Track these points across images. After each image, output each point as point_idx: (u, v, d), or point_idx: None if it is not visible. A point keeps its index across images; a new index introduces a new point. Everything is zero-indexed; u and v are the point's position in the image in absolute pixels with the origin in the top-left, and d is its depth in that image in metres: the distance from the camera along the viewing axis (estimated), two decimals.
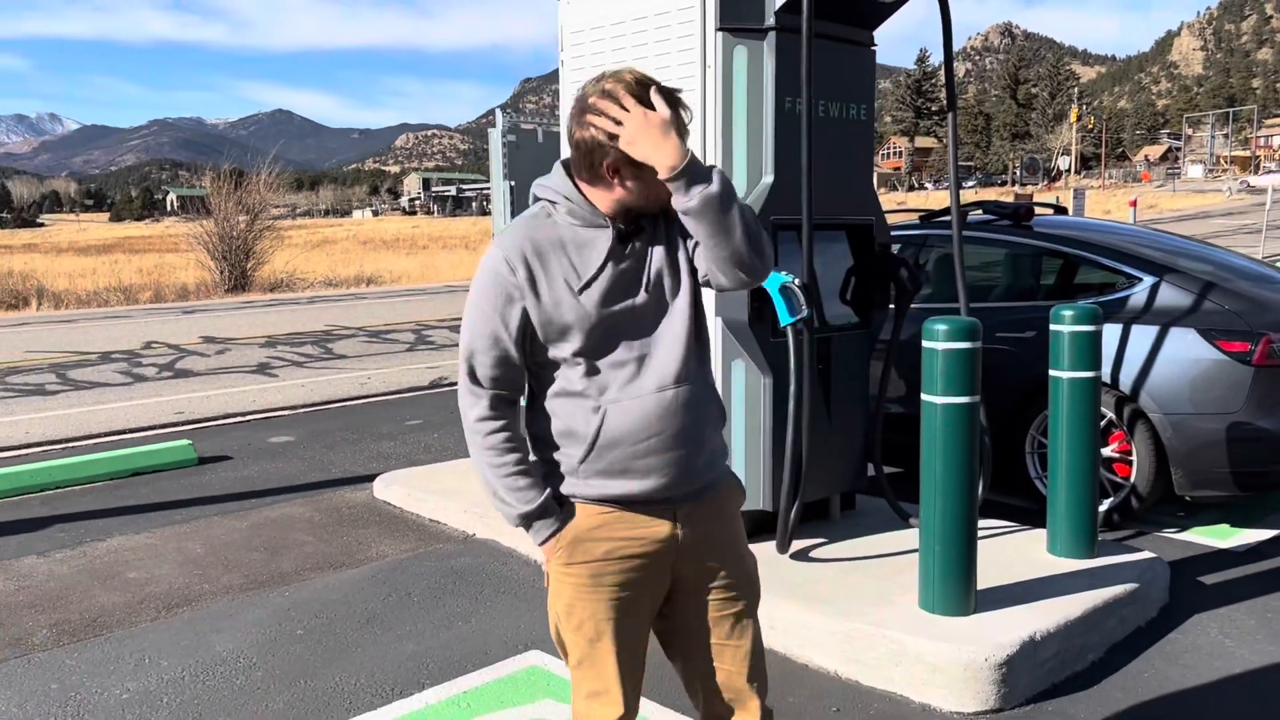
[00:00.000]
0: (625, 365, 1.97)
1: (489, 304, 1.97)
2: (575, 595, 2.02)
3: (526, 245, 1.96)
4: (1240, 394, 4.62)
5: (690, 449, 2.00)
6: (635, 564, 2.00)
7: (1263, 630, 3.81)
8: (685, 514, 2.03)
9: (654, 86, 1.90)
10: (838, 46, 4.26)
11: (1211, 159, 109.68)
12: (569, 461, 2.00)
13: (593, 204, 1.98)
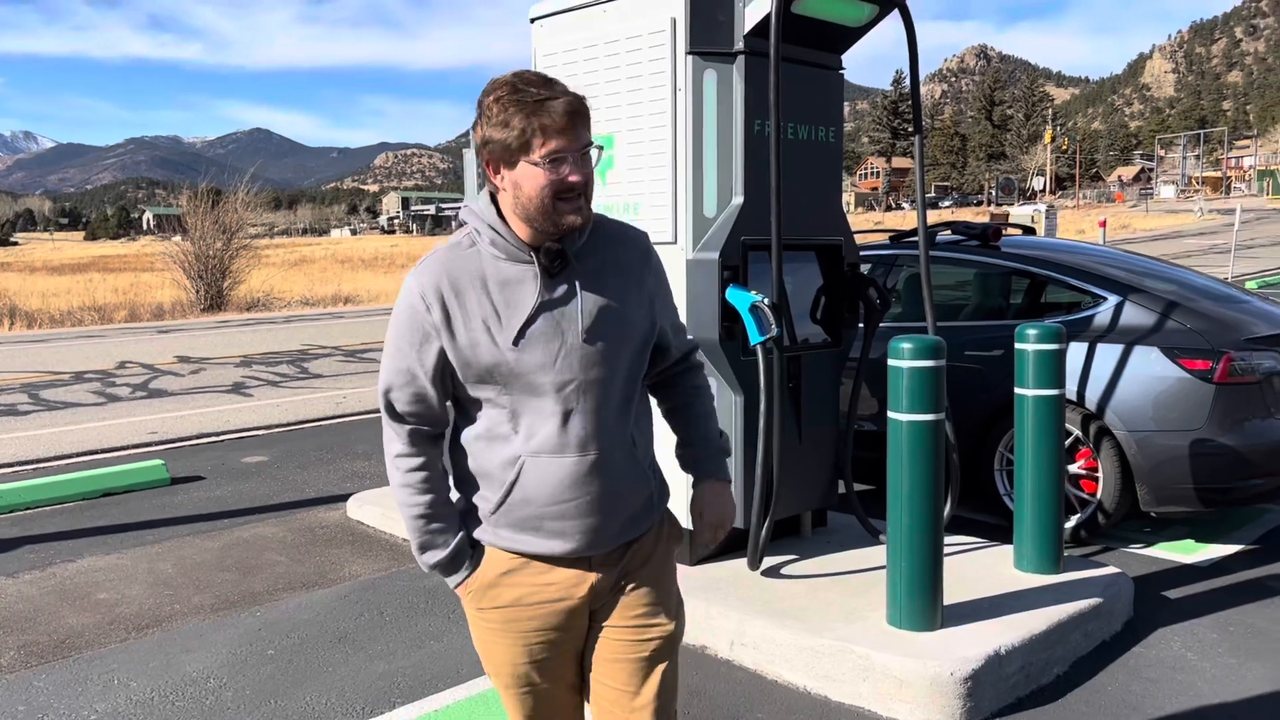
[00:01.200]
0: (549, 418, 1.84)
1: (404, 340, 1.86)
2: (490, 640, 1.95)
3: (443, 280, 1.83)
4: (1202, 411, 4.70)
5: (605, 517, 1.88)
6: (548, 610, 1.91)
7: (1225, 644, 3.87)
8: (600, 560, 1.92)
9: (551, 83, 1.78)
10: (806, 70, 4.33)
11: (1184, 180, 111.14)
12: (484, 505, 1.90)
13: (515, 234, 1.83)
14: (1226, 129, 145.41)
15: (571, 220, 1.80)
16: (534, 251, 1.83)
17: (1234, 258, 21.57)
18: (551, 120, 1.73)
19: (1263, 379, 4.77)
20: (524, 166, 1.76)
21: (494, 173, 1.81)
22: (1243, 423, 4.72)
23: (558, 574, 1.90)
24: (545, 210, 1.78)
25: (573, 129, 1.75)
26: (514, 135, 1.74)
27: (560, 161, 1.75)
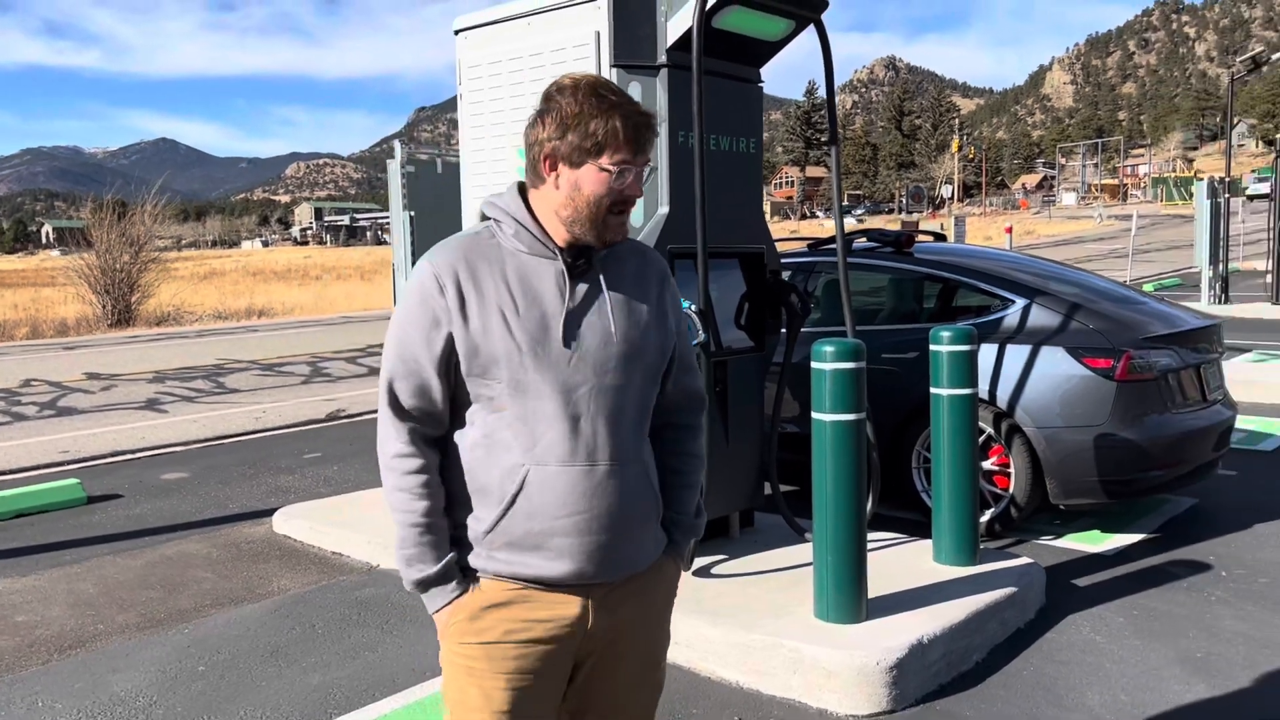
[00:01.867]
0: (556, 423, 1.74)
1: (413, 326, 1.77)
2: (468, 680, 1.79)
3: (460, 263, 1.76)
4: (1105, 407, 4.94)
5: (612, 537, 1.77)
6: (536, 649, 1.78)
7: (1130, 627, 4.08)
8: (600, 597, 1.81)
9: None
10: (727, 83, 4.46)
11: (1084, 187, 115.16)
12: (477, 526, 1.78)
13: (544, 228, 1.78)
14: (1122, 138, 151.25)
15: (615, 234, 1.78)
16: (559, 250, 1.78)
17: (1132, 261, 22.49)
18: (628, 130, 1.72)
19: (1160, 376, 5.04)
20: (590, 169, 1.73)
21: (550, 169, 1.76)
22: (1142, 418, 4.97)
23: (551, 609, 1.78)
24: (597, 217, 1.75)
25: (642, 144, 1.75)
26: (593, 135, 1.72)
27: (626, 172, 1.74)
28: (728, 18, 4.20)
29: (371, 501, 5.76)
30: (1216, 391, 5.48)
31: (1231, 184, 17.69)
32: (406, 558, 1.80)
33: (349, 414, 9.45)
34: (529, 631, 1.77)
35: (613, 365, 1.77)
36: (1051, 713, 3.38)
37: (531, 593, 1.78)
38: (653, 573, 1.88)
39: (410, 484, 1.78)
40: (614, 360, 1.78)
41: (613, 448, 1.76)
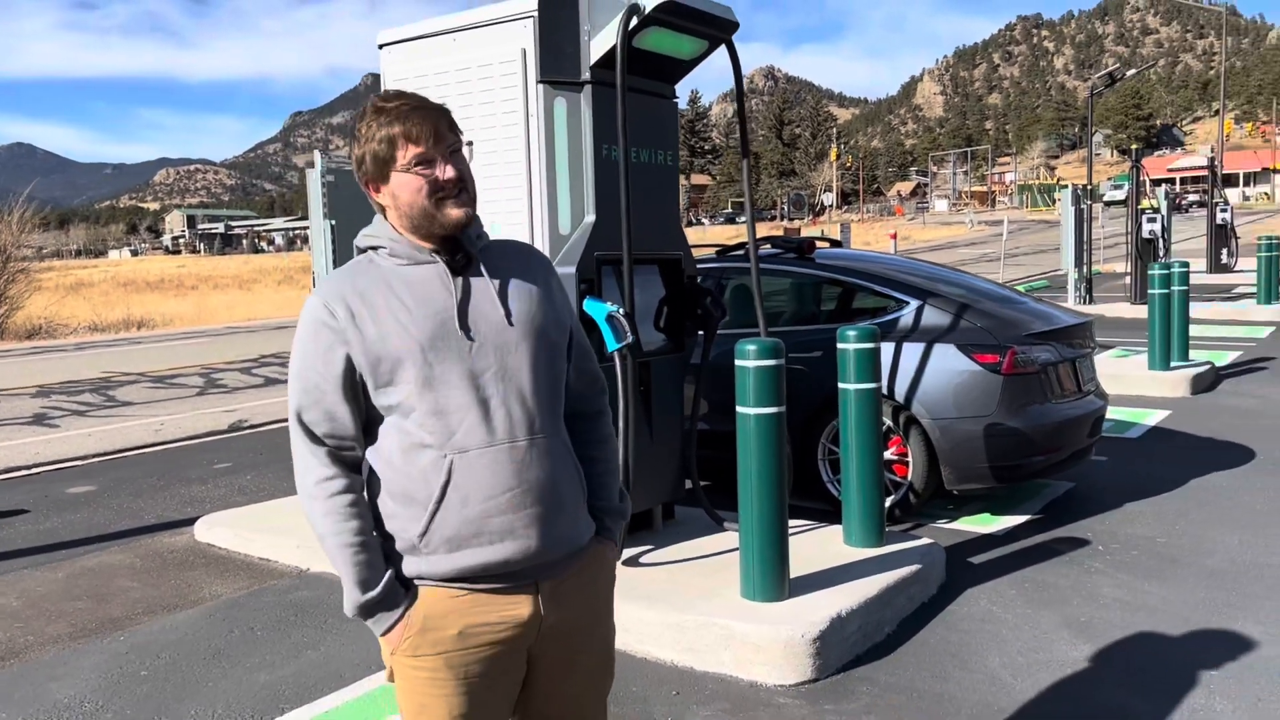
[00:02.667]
0: (469, 409, 1.78)
1: (310, 354, 1.82)
2: (427, 691, 1.80)
3: (347, 288, 1.82)
4: (993, 399, 5.37)
5: (548, 508, 1.81)
6: (492, 651, 1.81)
7: (1021, 598, 4.48)
8: (549, 591, 1.85)
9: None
10: (645, 99, 4.71)
11: (955, 194, 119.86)
12: (409, 534, 1.79)
13: (414, 242, 1.85)
14: (990, 147, 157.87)
15: (456, 214, 1.82)
16: (435, 252, 1.85)
17: (1003, 265, 23.68)
18: (411, 126, 1.79)
19: (1041, 369, 5.50)
20: (396, 176, 1.81)
21: (375, 192, 1.86)
22: (1026, 407, 5.42)
23: (503, 610, 1.81)
24: (427, 212, 1.81)
25: (434, 131, 1.80)
26: (381, 147, 1.80)
27: (430, 162, 1.80)
28: (647, 38, 4.45)
29: (296, 508, 5.80)
30: (1090, 383, 6.00)
31: (1091, 191, 18.83)
32: (356, 581, 1.79)
33: (252, 424, 9.37)
34: (483, 635, 1.79)
35: (513, 346, 1.83)
36: (957, 675, 3.73)
37: (479, 596, 1.79)
38: (594, 562, 1.94)
39: (336, 506, 1.80)
40: (513, 341, 1.84)
41: (529, 423, 1.81)
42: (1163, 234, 16.76)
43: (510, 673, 1.85)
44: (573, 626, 1.89)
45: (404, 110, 1.81)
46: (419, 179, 1.80)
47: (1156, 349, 9.52)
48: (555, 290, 1.98)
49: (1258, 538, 5.14)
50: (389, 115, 1.81)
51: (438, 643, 1.79)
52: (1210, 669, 3.70)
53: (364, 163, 1.84)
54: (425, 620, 1.79)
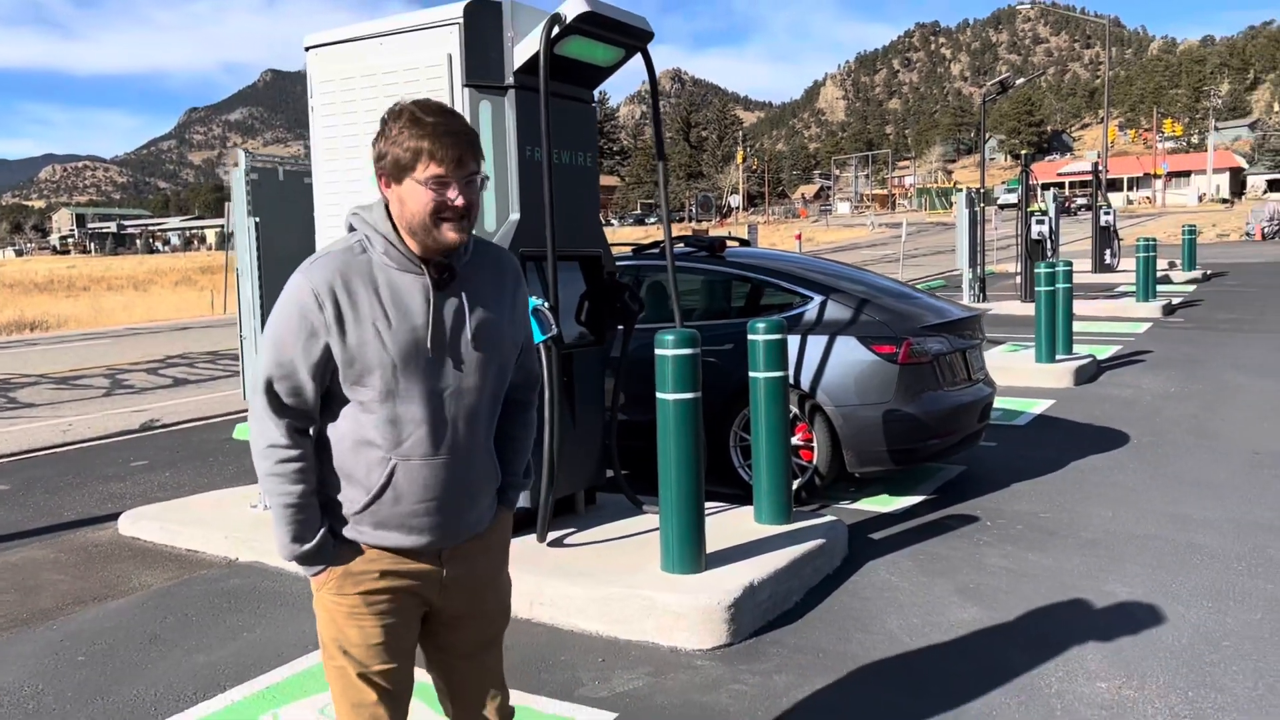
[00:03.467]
0: (420, 424, 1.99)
1: (291, 334, 1.97)
2: (345, 622, 2.08)
3: (336, 280, 1.95)
4: (891, 387, 5.76)
5: (463, 510, 2.09)
6: (402, 595, 2.10)
7: (917, 569, 4.86)
8: (449, 555, 2.13)
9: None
10: (566, 103, 4.95)
11: (857, 197, 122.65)
12: (349, 505, 2.04)
13: (407, 245, 2.00)
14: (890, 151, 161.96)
15: (451, 238, 1.97)
16: (425, 264, 2.00)
17: (903, 265, 24.53)
18: (440, 147, 1.92)
19: (934, 359, 5.91)
20: (410, 184, 1.94)
21: (386, 186, 1.99)
22: (921, 395, 5.82)
23: (412, 565, 2.09)
24: (426, 227, 1.96)
25: (459, 157, 1.94)
26: (405, 154, 1.93)
27: (445, 185, 1.94)
28: (568, 45, 4.70)
29: (223, 501, 5.90)
30: (979, 372, 6.45)
31: (985, 194, 19.70)
32: (291, 535, 2.02)
33: (165, 424, 9.30)
34: (395, 583, 2.09)
35: (474, 369, 2.03)
36: (859, 637, 4.07)
37: (395, 556, 2.08)
38: (493, 528, 2.23)
39: (285, 470, 1.99)
40: (475, 365, 2.03)
41: (469, 441, 2.06)
42: (1051, 236, 17.64)
43: (413, 611, 2.15)
44: (473, 580, 2.20)
45: (438, 129, 1.94)
46: (431, 195, 1.94)
47: (1043, 343, 10.13)
48: (520, 303, 2.20)
49: (1127, 512, 5.63)
50: (424, 129, 1.93)
51: (357, 584, 2.07)
52: (1083, 625, 4.12)
53: (385, 159, 1.97)
54: (349, 570, 2.08)
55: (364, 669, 2.10)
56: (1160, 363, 10.87)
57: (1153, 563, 4.80)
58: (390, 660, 2.12)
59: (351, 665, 2.10)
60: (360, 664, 2.10)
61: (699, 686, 3.66)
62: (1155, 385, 9.57)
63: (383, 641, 2.10)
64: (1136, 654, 3.82)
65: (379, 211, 2.02)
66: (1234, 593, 4.40)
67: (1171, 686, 3.55)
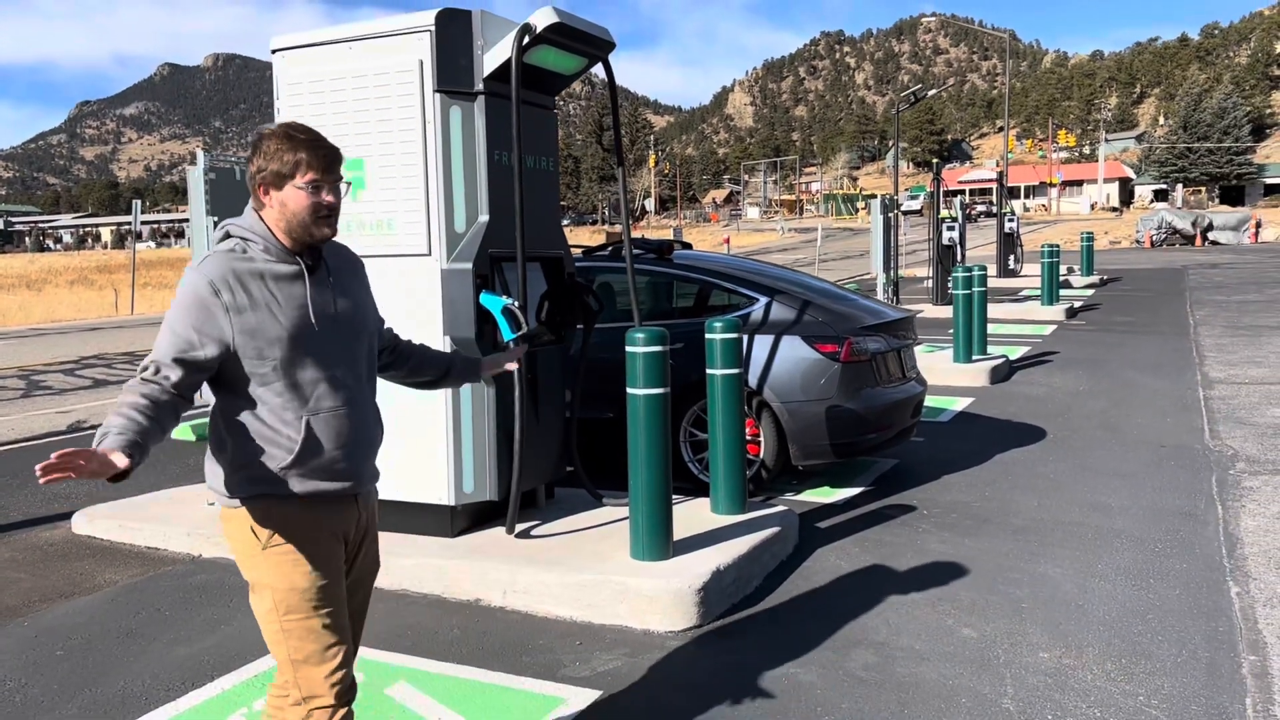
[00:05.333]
0: (319, 383, 2.35)
1: (191, 319, 2.26)
2: (290, 567, 2.36)
3: (229, 273, 2.29)
4: (833, 384, 6.07)
5: (367, 453, 2.47)
6: (333, 539, 2.44)
7: (863, 553, 5.16)
8: (362, 500, 2.52)
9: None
10: (531, 109, 5.12)
11: (765, 202, 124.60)
12: (274, 464, 2.33)
13: (280, 243, 2.36)
14: (797, 157, 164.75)
15: (325, 232, 2.39)
16: (298, 256, 2.39)
17: (818, 269, 25.17)
18: (314, 157, 2.33)
19: (872, 357, 6.24)
20: (290, 190, 2.33)
21: (264, 194, 2.36)
22: (860, 391, 6.14)
23: (336, 509, 2.44)
24: (305, 224, 2.35)
25: (328, 165, 2.36)
26: (283, 165, 2.32)
27: (320, 188, 2.34)
28: (536, 54, 4.87)
29: (183, 498, 5.90)
30: (912, 370, 6.81)
31: (895, 201, 20.36)
32: (112, 436, 2.15)
33: (94, 424, 9.14)
34: (326, 525, 2.42)
35: (351, 336, 2.44)
36: (819, 616, 4.33)
37: (322, 505, 2.41)
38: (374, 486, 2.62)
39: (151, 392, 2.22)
40: (351, 332, 2.44)
41: (359, 393, 2.45)
42: (960, 241, 18.36)
43: (343, 558, 2.49)
44: (369, 528, 2.61)
45: (311, 143, 2.35)
46: (309, 198, 2.34)
47: (960, 344, 10.63)
48: (367, 284, 2.63)
49: (1052, 500, 6.04)
50: (298, 143, 2.34)
51: (293, 535, 2.38)
52: (1022, 602, 4.46)
53: (264, 171, 2.35)
54: (286, 520, 2.37)
55: (317, 612, 2.37)
56: (1067, 363, 11.49)
57: (1079, 546, 5.18)
58: (337, 599, 2.42)
59: (304, 613, 2.37)
60: (313, 607, 2.37)
61: (676, 665, 3.88)
62: (1064, 384, 10.14)
63: (327, 580, 2.40)
64: (1072, 627, 4.17)
65: (252, 218, 2.39)
66: (1154, 572, 4.80)
67: (1106, 654, 3.90)
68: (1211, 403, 8.88)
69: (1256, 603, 4.38)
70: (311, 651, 2.39)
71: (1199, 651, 3.91)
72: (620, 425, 5.62)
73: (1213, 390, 9.49)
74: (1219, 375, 10.31)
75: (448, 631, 4.22)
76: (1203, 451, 7.14)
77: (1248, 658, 3.85)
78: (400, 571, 4.67)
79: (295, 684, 2.42)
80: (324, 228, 2.37)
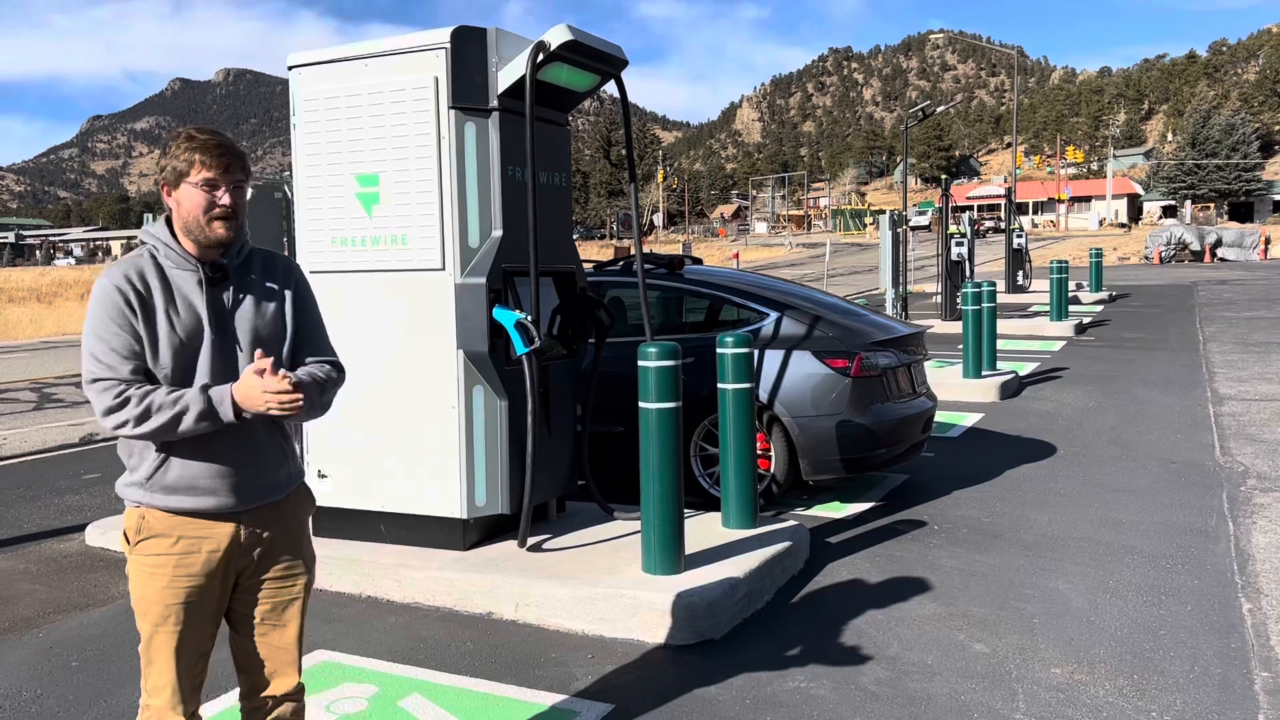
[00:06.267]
0: None
1: (111, 320, 2.26)
2: (147, 579, 2.32)
3: (132, 273, 2.29)
4: (844, 399, 6.08)
5: (246, 479, 2.36)
6: (203, 557, 2.34)
7: (875, 569, 5.16)
8: (248, 519, 2.39)
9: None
10: (545, 126, 5.17)
11: (773, 217, 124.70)
12: (136, 475, 2.31)
13: (183, 247, 2.34)
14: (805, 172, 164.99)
15: (221, 232, 2.32)
16: (200, 264, 2.35)
17: (826, 284, 25.19)
18: (209, 156, 2.31)
19: (883, 373, 6.26)
20: (185, 187, 2.31)
21: (167, 194, 2.35)
22: (871, 406, 6.16)
23: (210, 529, 2.34)
24: (199, 223, 2.31)
25: (226, 165, 2.31)
26: (181, 163, 2.31)
27: (214, 187, 2.30)
28: (550, 71, 4.91)
29: None
30: (922, 385, 6.82)
31: (904, 217, 20.38)
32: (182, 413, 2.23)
33: (106, 438, 9.19)
34: (195, 546, 2.34)
35: (245, 348, 2.35)
36: (831, 631, 4.34)
37: (191, 520, 2.33)
38: (289, 500, 2.49)
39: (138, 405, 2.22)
40: (247, 343, 2.35)
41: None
42: (969, 257, 18.38)
43: (214, 580, 2.38)
44: (268, 543, 2.44)
45: (209, 144, 2.33)
46: (202, 195, 2.31)
47: (970, 359, 10.64)
48: (295, 297, 2.49)
49: (1062, 517, 6.03)
50: (197, 143, 2.33)
51: (158, 546, 2.33)
52: (1033, 617, 4.45)
53: (166, 170, 2.35)
54: (150, 529, 2.33)
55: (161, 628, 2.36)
56: (1077, 379, 11.48)
57: (1091, 562, 5.18)
58: (184, 622, 2.35)
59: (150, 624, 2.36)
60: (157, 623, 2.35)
61: (688, 679, 3.89)
62: (1074, 400, 10.13)
63: (179, 602, 2.33)
64: (1084, 643, 4.17)
65: (160, 224, 2.39)
66: (1165, 588, 4.79)
67: (1118, 670, 3.90)
68: (1222, 419, 8.87)
69: (1269, 619, 4.37)
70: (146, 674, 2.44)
71: (1211, 668, 3.90)
72: (631, 439, 5.66)
73: (1223, 407, 9.47)
74: (1229, 392, 10.30)
75: (460, 644, 4.23)
76: (1213, 468, 7.13)
77: (1260, 674, 3.85)
78: (412, 585, 4.69)
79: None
80: (219, 227, 2.31)
